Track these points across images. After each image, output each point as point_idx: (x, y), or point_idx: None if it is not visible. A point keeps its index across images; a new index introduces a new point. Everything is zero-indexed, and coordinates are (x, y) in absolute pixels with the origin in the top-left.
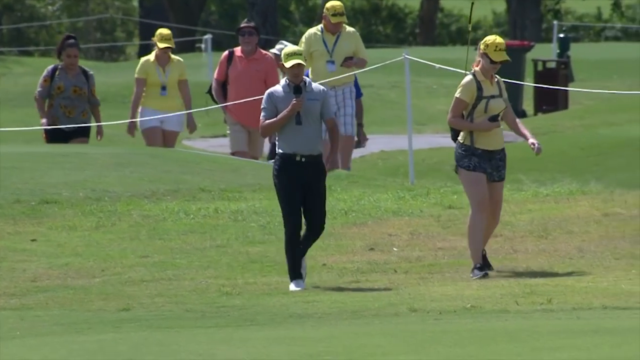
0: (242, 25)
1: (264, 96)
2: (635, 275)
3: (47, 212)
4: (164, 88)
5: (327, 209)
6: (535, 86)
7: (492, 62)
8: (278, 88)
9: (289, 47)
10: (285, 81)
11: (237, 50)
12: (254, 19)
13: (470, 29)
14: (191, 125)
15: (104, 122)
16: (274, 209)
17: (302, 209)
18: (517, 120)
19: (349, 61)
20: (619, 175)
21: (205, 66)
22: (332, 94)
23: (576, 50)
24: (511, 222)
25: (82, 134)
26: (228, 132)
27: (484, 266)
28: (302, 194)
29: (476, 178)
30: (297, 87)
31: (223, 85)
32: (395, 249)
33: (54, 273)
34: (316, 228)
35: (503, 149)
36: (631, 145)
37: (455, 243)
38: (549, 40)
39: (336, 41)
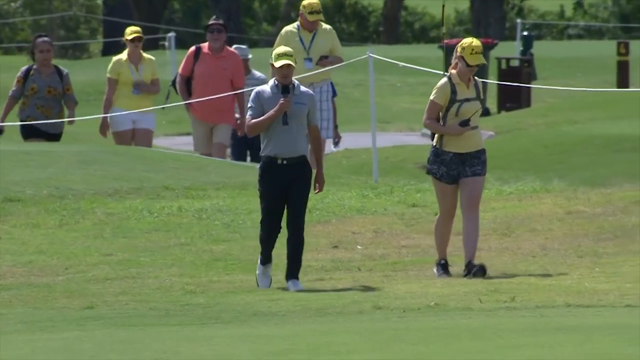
0: (211, 22)
1: (251, 95)
2: (598, 273)
3: (11, 210)
4: (136, 87)
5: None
6: (498, 84)
7: (467, 65)
8: (266, 88)
9: (280, 48)
10: (274, 81)
11: (205, 47)
12: (217, 16)
13: (444, 30)
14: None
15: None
16: (238, 207)
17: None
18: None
19: (324, 60)
20: (582, 173)
21: (168, 64)
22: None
23: (539, 48)
24: None
25: (56, 137)
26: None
27: (447, 266)
28: (283, 197)
29: (443, 189)
30: (285, 88)
31: (187, 81)
32: (359, 247)
33: (17, 271)
34: (295, 236)
35: (479, 151)
36: (594, 143)
37: (419, 241)
38: (513, 39)
39: (313, 38)
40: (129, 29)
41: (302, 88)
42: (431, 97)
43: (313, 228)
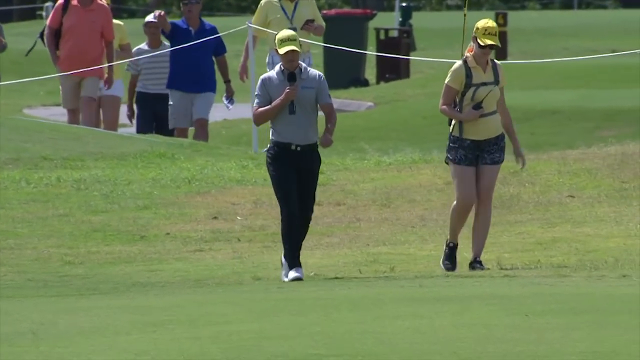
0: None
1: (258, 82)
2: None
3: None
4: None
5: (170, 178)
6: (377, 55)
7: (480, 46)
8: (272, 74)
9: (283, 32)
10: (280, 67)
11: None
12: None
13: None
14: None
15: None
16: (117, 178)
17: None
18: (509, 115)
19: (310, 24)
20: None
21: None
22: None
23: (418, 19)
24: (354, 191)
25: None
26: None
27: (453, 259)
28: (296, 179)
29: (462, 171)
30: (291, 75)
31: (56, 33)
32: (239, 217)
33: None
34: (303, 221)
35: (498, 136)
36: None
37: None
38: (391, 9)
39: (295, 7)
40: None
41: (310, 70)
42: (446, 81)
43: (192, 199)
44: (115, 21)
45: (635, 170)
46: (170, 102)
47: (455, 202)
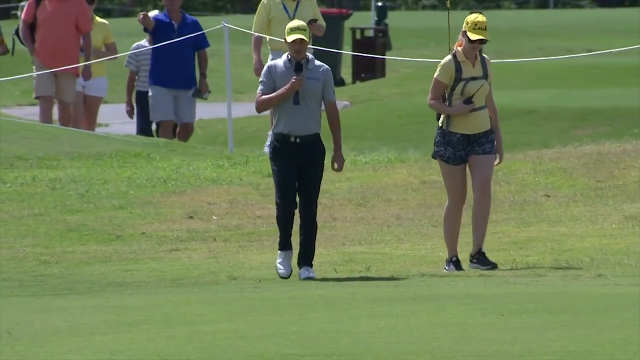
0: None
1: (263, 70)
2: None
3: None
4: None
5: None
6: (353, 54)
7: (470, 40)
8: (279, 62)
9: (293, 21)
10: (287, 56)
11: None
12: None
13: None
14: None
15: None
16: (92, 177)
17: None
18: (496, 110)
19: (314, 24)
20: None
21: None
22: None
23: (394, 19)
24: (330, 190)
25: None
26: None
27: (459, 262)
28: (296, 175)
29: (451, 171)
30: (298, 64)
31: (31, 27)
32: (214, 217)
33: None
34: (307, 221)
35: (487, 131)
36: None
37: (274, 211)
38: (367, 9)
39: (297, 6)
40: None
41: (317, 62)
42: (435, 76)
43: (168, 198)
44: (100, 20)
45: (611, 170)
46: (151, 94)
47: (446, 206)
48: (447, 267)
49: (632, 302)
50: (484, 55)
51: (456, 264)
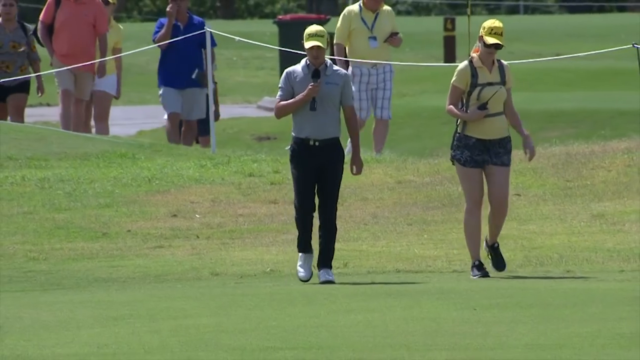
0: None
1: (282, 75)
2: (426, 240)
3: None
4: None
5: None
6: (331, 58)
7: (485, 45)
8: (297, 68)
9: (312, 27)
10: (306, 62)
11: None
12: None
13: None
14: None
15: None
16: (80, 177)
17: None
18: (517, 115)
19: (395, 37)
20: (411, 145)
21: None
22: (373, 73)
23: None
24: None
25: (21, 89)
26: (55, 72)
27: (482, 266)
28: (315, 178)
29: (468, 174)
30: (315, 71)
31: (49, 27)
32: (197, 215)
33: None
34: (326, 224)
35: (504, 138)
36: (422, 115)
37: (255, 210)
38: None
39: (375, 19)
40: None
41: (335, 67)
42: (452, 81)
43: (152, 197)
44: (116, 24)
45: (579, 170)
46: (160, 93)
47: (465, 210)
48: (473, 274)
49: (599, 297)
50: (502, 61)
51: (479, 267)
